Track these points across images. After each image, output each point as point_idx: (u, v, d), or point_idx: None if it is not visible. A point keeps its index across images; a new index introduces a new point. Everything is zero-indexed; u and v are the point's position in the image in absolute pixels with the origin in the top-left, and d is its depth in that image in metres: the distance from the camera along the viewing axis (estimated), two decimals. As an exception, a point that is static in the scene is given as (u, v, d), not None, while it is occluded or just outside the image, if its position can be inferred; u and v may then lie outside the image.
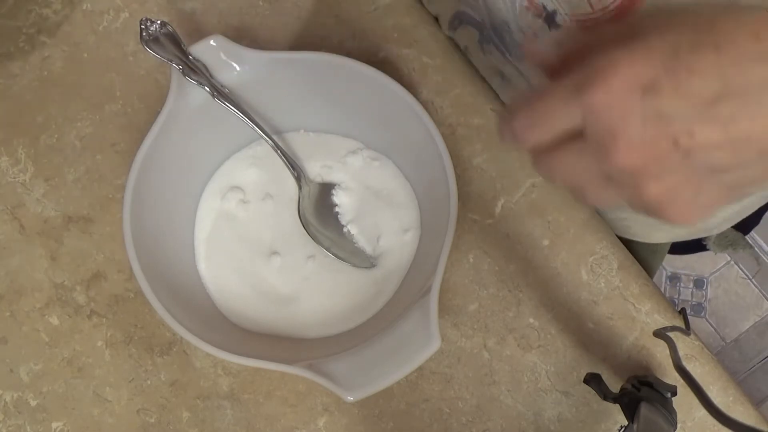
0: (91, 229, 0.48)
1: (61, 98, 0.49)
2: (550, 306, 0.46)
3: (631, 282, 0.46)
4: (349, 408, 0.45)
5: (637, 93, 0.23)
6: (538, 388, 0.45)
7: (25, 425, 0.45)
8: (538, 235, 0.47)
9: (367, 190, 0.46)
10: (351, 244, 0.46)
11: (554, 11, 0.31)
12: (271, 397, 0.46)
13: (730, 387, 0.45)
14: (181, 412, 0.45)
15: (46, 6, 0.51)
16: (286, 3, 0.51)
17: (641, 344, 0.46)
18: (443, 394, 0.45)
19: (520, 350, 0.46)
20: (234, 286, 0.45)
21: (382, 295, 0.44)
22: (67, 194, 0.48)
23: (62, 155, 0.49)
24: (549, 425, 0.45)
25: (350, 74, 0.42)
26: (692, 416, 0.45)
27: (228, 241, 0.46)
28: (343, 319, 0.44)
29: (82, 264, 0.47)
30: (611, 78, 0.23)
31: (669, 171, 0.24)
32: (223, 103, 0.40)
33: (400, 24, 0.50)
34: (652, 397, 0.40)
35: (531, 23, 0.34)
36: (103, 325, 0.46)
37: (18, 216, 0.48)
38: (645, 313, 0.46)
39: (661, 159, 0.23)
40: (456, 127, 0.48)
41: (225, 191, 0.46)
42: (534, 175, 0.47)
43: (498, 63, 0.45)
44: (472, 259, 0.47)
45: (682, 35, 0.23)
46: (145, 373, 0.46)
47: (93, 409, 0.45)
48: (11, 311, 0.47)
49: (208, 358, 0.46)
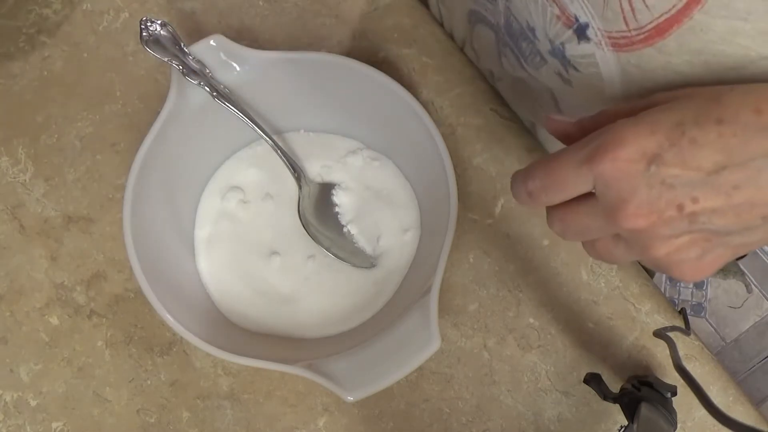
0: (91, 229, 0.48)
1: (61, 98, 0.49)
2: (550, 306, 0.46)
3: (631, 282, 0.46)
4: (349, 408, 0.45)
5: (642, 163, 0.25)
6: (538, 388, 0.45)
7: (25, 425, 0.45)
8: (538, 235, 0.47)
9: (367, 190, 0.46)
10: (351, 244, 0.46)
11: (586, 24, 0.31)
12: (271, 397, 0.46)
13: (730, 387, 0.45)
14: (181, 412, 0.45)
15: (46, 6, 0.51)
16: (286, 3, 0.51)
17: (641, 344, 0.46)
18: (443, 394, 0.45)
19: (520, 350, 0.46)
20: (234, 286, 0.45)
21: (382, 295, 0.44)
22: (67, 194, 0.48)
23: (62, 155, 0.49)
24: (549, 425, 0.45)
25: (350, 74, 0.42)
26: (692, 416, 0.45)
27: (228, 241, 0.46)
28: (343, 319, 0.44)
29: (82, 264, 0.47)
30: (618, 150, 0.25)
31: (675, 234, 0.26)
32: (223, 103, 0.40)
33: (400, 24, 0.50)
34: (652, 397, 0.40)
35: (559, 33, 0.33)
36: (103, 325, 0.46)
37: (18, 216, 0.48)
38: (645, 313, 0.46)
39: (667, 223, 0.25)
40: (456, 127, 0.48)
41: (225, 191, 0.46)
42: (534, 175, 0.47)
43: (510, 70, 0.44)
44: (472, 259, 0.47)
45: (687, 110, 0.25)
46: (145, 373, 0.46)
47: (93, 409, 0.45)
48: (11, 311, 0.47)
49: (208, 358, 0.46)
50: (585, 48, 0.32)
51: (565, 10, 0.32)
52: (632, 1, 0.28)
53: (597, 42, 0.31)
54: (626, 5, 0.28)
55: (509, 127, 0.48)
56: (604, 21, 0.30)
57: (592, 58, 0.32)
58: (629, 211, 0.25)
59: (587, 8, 0.30)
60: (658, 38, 0.28)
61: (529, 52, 0.39)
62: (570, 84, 0.37)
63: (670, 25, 0.27)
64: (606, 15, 0.29)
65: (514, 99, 0.49)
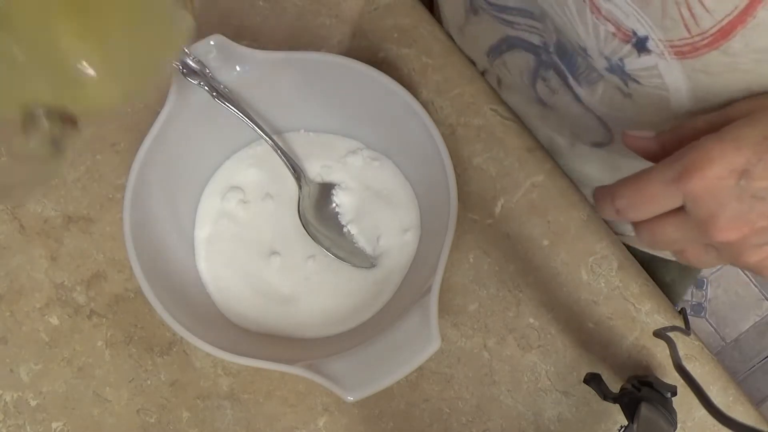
0: (91, 229, 0.48)
1: (61, 98, 0.49)
2: (550, 306, 0.46)
3: (631, 282, 0.46)
4: (349, 408, 0.45)
5: (731, 179, 0.26)
6: (538, 388, 0.45)
7: (25, 425, 0.45)
8: (538, 235, 0.47)
9: (367, 190, 0.46)
10: (351, 244, 0.46)
11: (645, 36, 0.30)
12: (271, 397, 0.46)
13: (730, 387, 0.45)
14: (181, 412, 0.45)
15: (46, 6, 0.51)
16: (286, 3, 0.51)
17: (641, 344, 0.46)
18: (443, 394, 0.45)
19: (520, 350, 0.46)
20: (234, 286, 0.45)
21: (382, 295, 0.44)
22: (67, 194, 0.48)
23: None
24: (549, 425, 0.45)
25: (350, 74, 0.42)
26: (692, 416, 0.45)
27: (228, 241, 0.46)
28: (343, 319, 0.44)
29: (82, 264, 0.47)
30: (707, 168, 0.26)
31: (765, 241, 0.27)
32: (223, 103, 0.40)
33: (400, 24, 0.50)
34: (652, 397, 0.40)
35: (616, 49, 0.33)
36: (103, 325, 0.46)
37: (18, 216, 0.48)
38: (645, 313, 0.46)
39: (759, 233, 0.27)
40: (456, 127, 0.48)
41: (225, 191, 0.46)
42: (534, 175, 0.47)
43: (546, 93, 0.44)
44: (472, 259, 0.47)
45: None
46: (145, 373, 0.46)
47: (93, 409, 0.45)
48: (11, 311, 0.47)
49: (208, 358, 0.46)
50: (646, 60, 0.32)
51: (621, 26, 0.31)
52: (692, 8, 0.27)
53: (659, 53, 0.31)
54: (686, 12, 0.28)
55: (509, 127, 0.48)
56: (664, 31, 0.29)
57: (654, 69, 0.32)
58: (721, 225, 0.27)
59: (645, 20, 0.30)
60: (722, 41, 0.28)
61: (584, 68, 0.38)
62: (630, 97, 0.36)
63: (733, 27, 0.27)
64: (665, 24, 0.29)
65: (542, 124, 0.49)
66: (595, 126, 0.42)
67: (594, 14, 0.32)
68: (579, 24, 0.33)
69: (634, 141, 0.33)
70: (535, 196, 0.47)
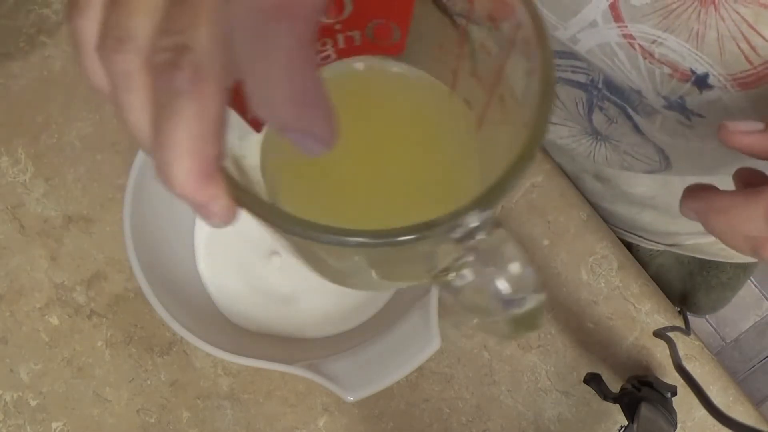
0: (91, 229, 0.48)
1: (61, 98, 0.49)
2: (550, 306, 0.46)
3: (631, 282, 0.46)
4: (349, 408, 0.45)
5: None
6: (538, 388, 0.45)
7: (25, 425, 0.45)
8: (538, 235, 0.47)
9: (367, 190, 0.46)
10: (351, 244, 0.46)
11: (706, 74, 0.30)
12: (271, 397, 0.46)
13: (730, 387, 0.45)
14: (181, 412, 0.45)
15: (46, 6, 0.51)
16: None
17: (641, 344, 0.46)
18: (443, 394, 0.45)
19: (520, 350, 0.46)
20: (234, 286, 0.45)
21: (382, 295, 0.44)
22: (67, 194, 0.48)
23: (62, 155, 0.49)
24: (549, 425, 0.45)
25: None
26: (692, 416, 0.45)
27: (228, 240, 0.46)
28: (343, 319, 0.44)
29: (82, 264, 0.47)
30: None
31: None
32: (223, 103, 0.40)
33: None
34: (652, 397, 0.40)
35: (675, 89, 0.32)
36: (103, 325, 0.46)
37: (18, 216, 0.48)
38: (645, 313, 0.46)
39: None
40: (456, 127, 0.48)
41: (225, 191, 0.46)
42: (534, 175, 0.47)
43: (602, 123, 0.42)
44: (472, 259, 0.47)
45: None
46: (145, 373, 0.46)
47: (93, 409, 0.45)
48: (11, 311, 0.47)
49: (208, 358, 0.46)
50: (709, 95, 0.31)
51: (678, 67, 0.30)
52: (749, 40, 0.27)
53: (721, 87, 0.30)
54: (744, 45, 0.27)
55: (509, 127, 0.48)
56: (724, 66, 0.29)
57: (718, 103, 0.31)
58: None
59: (703, 59, 0.29)
60: None
61: (638, 102, 0.37)
62: (693, 129, 0.35)
63: None
64: (725, 60, 0.28)
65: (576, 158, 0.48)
66: (651, 154, 0.41)
67: (647, 60, 0.31)
68: (631, 70, 0.32)
69: (736, 138, 0.27)
70: (535, 196, 0.47)
